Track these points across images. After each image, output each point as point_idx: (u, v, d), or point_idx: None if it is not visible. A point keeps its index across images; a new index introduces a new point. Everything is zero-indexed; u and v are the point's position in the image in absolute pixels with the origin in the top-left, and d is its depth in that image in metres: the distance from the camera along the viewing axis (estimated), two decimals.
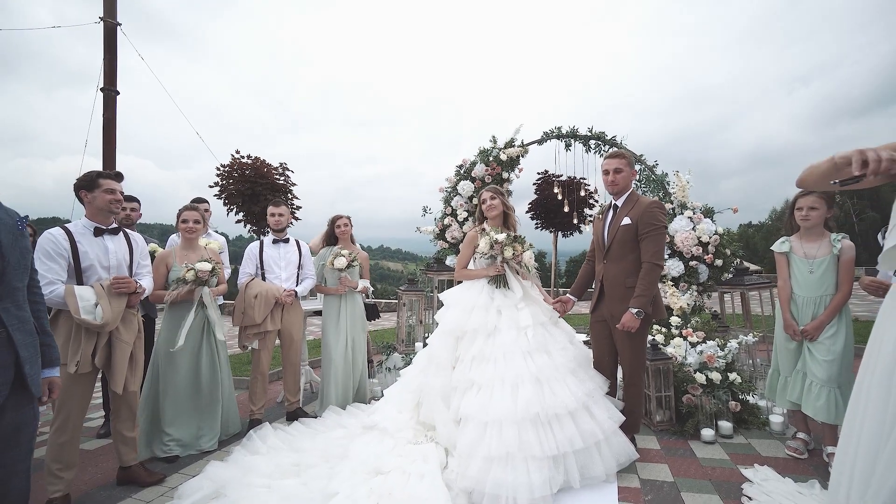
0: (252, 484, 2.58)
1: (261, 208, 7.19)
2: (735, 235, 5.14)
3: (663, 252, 2.83)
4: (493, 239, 3.00)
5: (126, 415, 2.81)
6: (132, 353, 2.80)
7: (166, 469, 3.00)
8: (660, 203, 2.87)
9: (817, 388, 2.71)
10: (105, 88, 6.61)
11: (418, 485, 2.42)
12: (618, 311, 2.84)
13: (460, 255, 3.29)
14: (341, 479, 2.49)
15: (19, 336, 1.64)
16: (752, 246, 39.07)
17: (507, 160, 5.52)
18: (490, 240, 3.00)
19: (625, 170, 2.94)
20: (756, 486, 2.51)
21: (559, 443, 2.52)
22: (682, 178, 5.00)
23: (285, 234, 3.97)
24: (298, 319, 3.93)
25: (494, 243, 3.00)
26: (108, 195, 2.71)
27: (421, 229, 5.83)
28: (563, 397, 2.64)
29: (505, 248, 2.99)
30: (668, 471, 2.81)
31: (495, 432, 2.53)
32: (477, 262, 3.21)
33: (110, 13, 6.69)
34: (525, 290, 3.05)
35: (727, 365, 3.62)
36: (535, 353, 2.80)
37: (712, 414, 3.33)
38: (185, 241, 3.41)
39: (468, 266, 3.25)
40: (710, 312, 4.97)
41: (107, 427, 3.68)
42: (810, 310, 2.82)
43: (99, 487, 2.80)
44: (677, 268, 4.81)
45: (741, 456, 2.96)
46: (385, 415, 3.08)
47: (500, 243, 2.99)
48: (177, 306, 3.25)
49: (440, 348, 3.01)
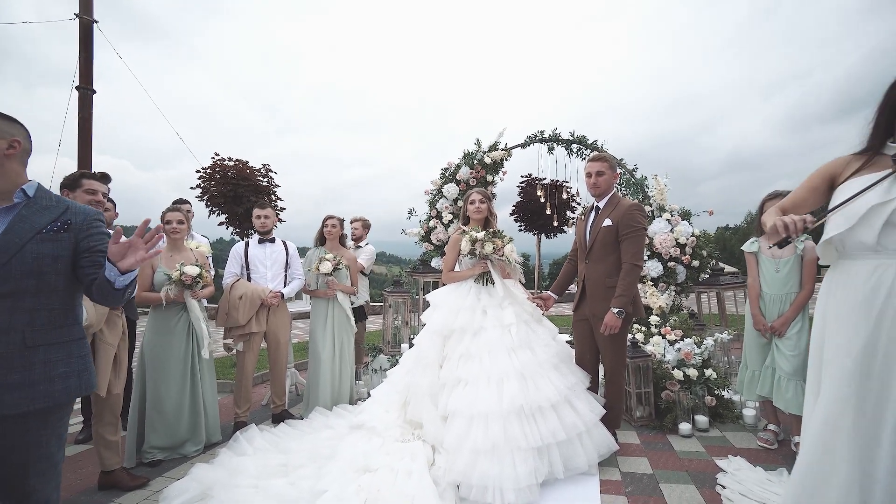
0: (239, 485, 2.57)
1: (244, 210, 7.13)
2: (711, 237, 5.34)
3: (643, 253, 2.95)
4: (473, 237, 3.07)
5: (109, 418, 2.77)
6: (116, 355, 2.77)
7: (150, 473, 2.96)
8: (640, 205, 2.98)
9: (785, 382, 2.86)
10: (81, 87, 6.48)
11: (406, 482, 2.46)
12: (599, 309, 2.94)
13: (446, 258, 3.34)
14: (330, 479, 2.51)
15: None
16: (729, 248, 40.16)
17: (491, 163, 5.61)
18: (470, 238, 3.07)
19: (606, 173, 3.04)
20: (729, 475, 2.63)
21: (543, 435, 2.60)
22: (660, 182, 5.17)
23: (271, 235, 3.96)
24: (285, 322, 3.92)
25: (475, 241, 3.06)
26: (88, 196, 2.68)
27: (406, 231, 5.87)
28: (546, 391, 2.73)
29: (485, 243, 3.05)
30: (647, 464, 2.92)
31: (481, 426, 2.60)
32: (462, 264, 3.28)
33: (86, 10, 6.56)
34: (507, 289, 3.12)
35: (703, 361, 3.77)
36: (519, 350, 2.87)
37: (689, 409, 3.47)
38: (169, 243, 3.38)
39: (454, 269, 3.31)
40: (687, 311, 5.14)
41: (85, 432, 3.61)
42: (777, 307, 2.99)
43: (80, 493, 2.75)
44: (656, 268, 4.96)
45: (716, 448, 3.10)
46: (372, 414, 3.10)
47: (480, 240, 3.06)
48: (162, 310, 3.22)
49: (428, 348, 3.06)
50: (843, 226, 1.62)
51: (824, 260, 1.82)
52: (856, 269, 1.64)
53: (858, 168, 1.67)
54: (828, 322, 1.71)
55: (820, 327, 1.75)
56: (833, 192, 1.74)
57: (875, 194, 1.54)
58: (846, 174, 1.69)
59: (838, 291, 1.68)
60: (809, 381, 1.77)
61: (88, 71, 6.52)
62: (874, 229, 1.55)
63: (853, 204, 1.57)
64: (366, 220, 5.30)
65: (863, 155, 1.69)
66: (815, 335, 1.78)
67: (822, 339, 1.73)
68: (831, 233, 1.67)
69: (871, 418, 1.51)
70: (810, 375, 1.77)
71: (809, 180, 1.80)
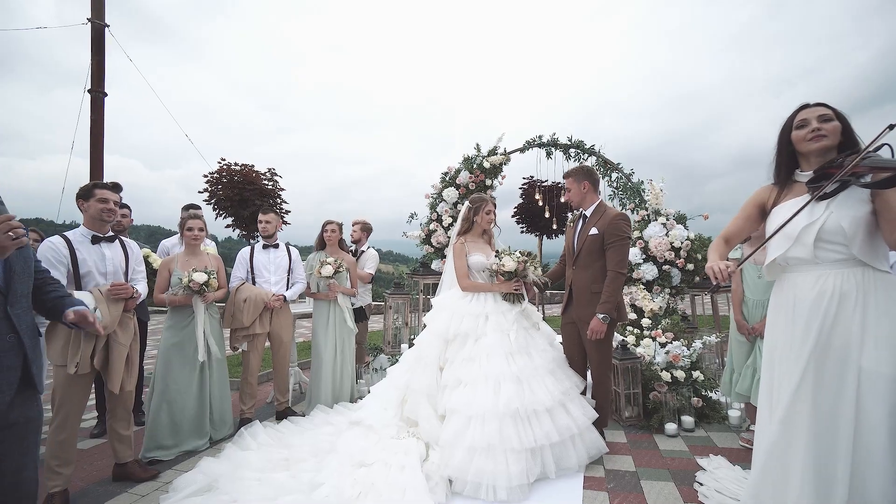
0: (244, 477, 2.74)
1: (250, 213, 7.32)
2: (706, 241, 5.42)
3: (626, 261, 3.07)
4: (520, 259, 3.13)
5: (122, 414, 2.95)
6: (128, 354, 2.94)
7: (160, 465, 3.14)
8: (625, 216, 3.11)
9: None
10: (93, 90, 6.67)
11: (399, 475, 2.61)
12: (585, 314, 3.07)
13: (457, 266, 3.31)
14: (328, 472, 2.67)
15: (27, 340, 1.79)
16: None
17: (490, 168, 5.74)
18: (516, 259, 3.12)
19: (573, 187, 3.24)
20: (708, 473, 2.76)
21: (537, 437, 2.72)
22: (655, 187, 5.27)
23: (275, 239, 4.12)
24: (288, 323, 4.10)
25: (520, 262, 3.12)
26: (100, 204, 2.85)
27: (407, 234, 6.02)
28: (541, 395, 2.85)
29: (528, 267, 3.16)
30: (631, 462, 3.04)
31: (478, 425, 2.73)
32: (472, 275, 3.30)
33: (98, 14, 6.74)
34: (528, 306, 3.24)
35: (692, 364, 3.88)
36: (517, 355, 3.00)
37: (676, 409, 3.59)
38: (188, 248, 3.57)
39: (468, 277, 3.28)
40: (681, 314, 5.24)
41: (99, 427, 3.79)
42: (760, 311, 3.10)
43: (95, 483, 2.94)
44: (651, 271, 5.07)
45: (700, 447, 3.22)
46: (370, 411, 3.25)
47: (525, 262, 3.14)
48: (177, 310, 3.43)
49: (429, 348, 3.18)
50: (783, 246, 1.84)
51: (770, 276, 2.02)
52: (801, 279, 1.84)
53: (778, 195, 1.94)
54: (778, 326, 1.91)
55: (771, 333, 1.96)
56: (766, 217, 1.99)
57: (802, 217, 1.76)
58: (772, 200, 1.96)
59: (787, 299, 1.88)
60: (763, 385, 1.94)
61: (100, 75, 6.70)
62: (808, 246, 1.78)
63: (787, 227, 1.80)
64: (366, 223, 5.21)
65: (778, 185, 1.97)
66: (767, 341, 1.99)
67: (773, 343, 1.92)
68: (774, 254, 1.90)
69: (828, 410, 1.67)
70: (764, 378, 1.94)
71: (743, 210, 2.07)
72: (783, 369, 1.81)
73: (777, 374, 1.84)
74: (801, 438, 1.69)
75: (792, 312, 1.83)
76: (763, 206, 2.01)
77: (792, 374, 1.75)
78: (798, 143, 1.87)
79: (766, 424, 1.86)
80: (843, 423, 1.63)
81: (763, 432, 1.87)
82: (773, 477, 1.75)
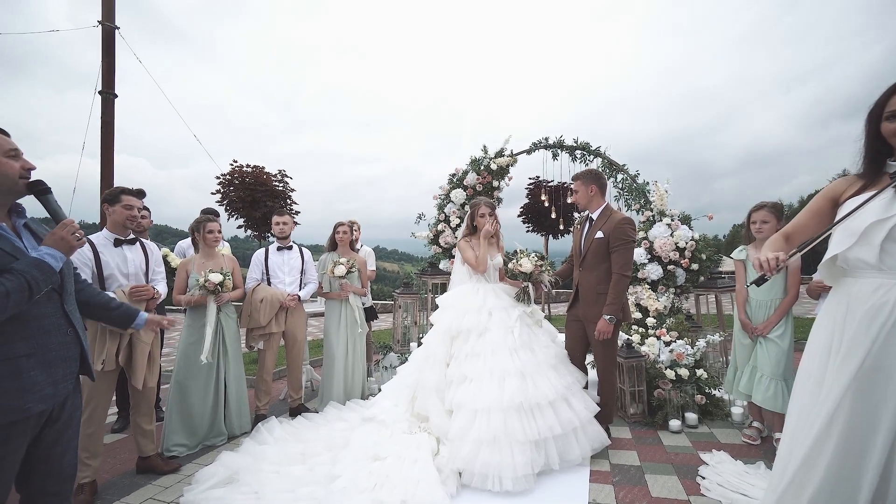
0: (262, 470, 2.86)
1: (261, 214, 7.44)
2: (711, 241, 5.47)
3: (631, 264, 3.16)
4: (535, 262, 3.28)
5: (145, 409, 3.08)
6: (150, 352, 3.07)
7: (181, 459, 3.27)
8: (630, 220, 3.18)
9: (766, 381, 3.05)
10: (103, 91, 6.79)
11: (412, 468, 2.72)
12: (590, 313, 3.17)
13: (466, 257, 3.46)
14: (344, 465, 2.79)
15: (82, 333, 1.92)
16: None
17: (497, 169, 5.82)
18: (532, 260, 3.27)
19: (580, 189, 3.33)
20: (711, 467, 2.84)
21: (540, 429, 2.83)
22: (660, 188, 5.33)
23: (289, 241, 4.25)
24: (302, 322, 4.22)
25: (537, 267, 3.27)
26: (126, 210, 2.99)
27: (416, 235, 6.12)
28: (544, 389, 2.95)
29: (542, 271, 3.29)
30: (636, 457, 3.13)
31: (484, 419, 2.83)
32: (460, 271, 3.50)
33: (108, 17, 6.86)
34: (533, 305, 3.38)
35: (696, 362, 3.95)
36: (521, 351, 3.10)
37: (680, 406, 3.67)
38: (206, 250, 3.69)
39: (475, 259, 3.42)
40: (685, 313, 5.30)
41: (120, 422, 3.93)
42: (763, 311, 3.17)
43: (121, 475, 3.07)
44: (656, 272, 5.13)
45: (703, 443, 3.30)
46: (382, 408, 3.36)
47: (541, 267, 3.29)
48: (194, 310, 3.55)
49: (436, 346, 3.30)
50: (846, 243, 1.58)
51: (826, 280, 1.77)
52: (858, 285, 1.59)
53: (861, 187, 1.64)
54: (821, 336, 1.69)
55: (814, 342, 1.73)
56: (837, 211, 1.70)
57: (874, 211, 1.50)
58: (849, 193, 1.66)
59: (840, 306, 1.64)
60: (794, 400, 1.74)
61: (110, 76, 6.83)
62: (874, 246, 1.51)
63: (853, 221, 1.54)
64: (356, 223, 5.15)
65: (863, 177, 1.66)
66: (808, 350, 1.74)
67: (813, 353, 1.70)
68: (835, 250, 1.63)
69: (864, 430, 1.49)
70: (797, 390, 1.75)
71: (813, 203, 1.77)
72: (818, 389, 1.60)
73: (810, 390, 1.64)
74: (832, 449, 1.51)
75: (842, 323, 1.58)
76: (836, 200, 1.70)
77: (825, 402, 1.54)
78: (890, 138, 1.56)
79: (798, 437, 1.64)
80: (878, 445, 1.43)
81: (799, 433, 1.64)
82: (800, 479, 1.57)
